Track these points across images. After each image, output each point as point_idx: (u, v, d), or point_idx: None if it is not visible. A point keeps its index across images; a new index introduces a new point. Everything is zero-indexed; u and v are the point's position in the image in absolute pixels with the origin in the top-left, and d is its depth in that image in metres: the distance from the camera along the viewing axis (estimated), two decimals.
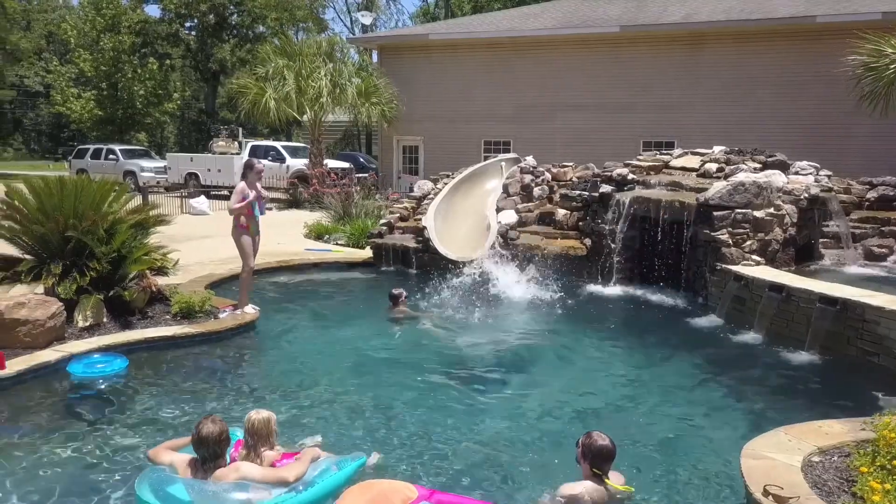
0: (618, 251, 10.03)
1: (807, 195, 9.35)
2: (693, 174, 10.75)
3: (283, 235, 14.26)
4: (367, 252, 12.24)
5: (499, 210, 11.67)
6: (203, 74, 49.74)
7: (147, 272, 7.82)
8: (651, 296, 9.64)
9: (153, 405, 5.64)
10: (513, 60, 21.49)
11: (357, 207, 15.60)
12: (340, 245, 13.70)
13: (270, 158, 23.63)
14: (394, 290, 8.72)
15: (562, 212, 11.53)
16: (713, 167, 10.50)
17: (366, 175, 20.83)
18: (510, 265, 10.29)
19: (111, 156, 28.55)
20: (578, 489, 3.85)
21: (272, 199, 20.98)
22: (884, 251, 9.84)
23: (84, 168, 27.04)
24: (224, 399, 5.79)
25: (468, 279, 9.95)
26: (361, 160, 29.55)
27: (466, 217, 11.93)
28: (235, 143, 26.75)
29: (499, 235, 11.04)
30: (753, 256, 8.79)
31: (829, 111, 17.55)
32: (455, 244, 11.20)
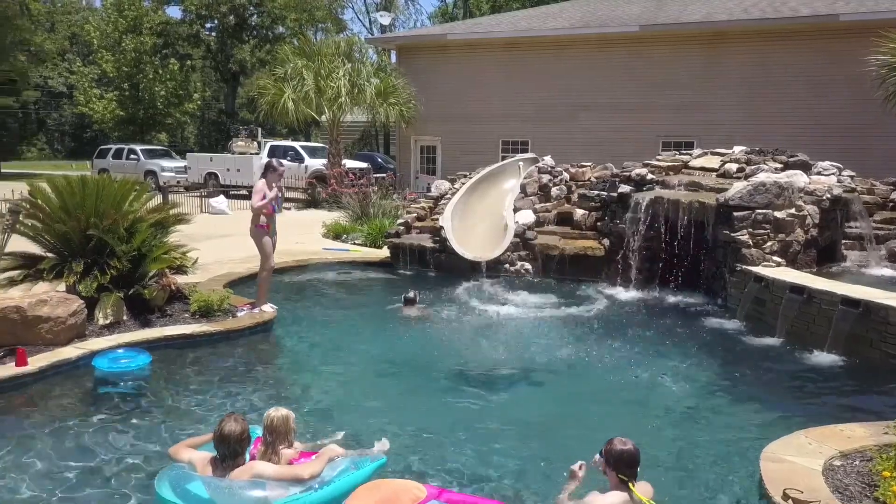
0: (636, 251, 9.97)
1: (829, 196, 9.23)
2: (713, 174, 10.66)
3: (302, 235, 14.34)
4: (385, 252, 12.26)
5: (516, 210, 11.63)
6: (223, 75, 50.22)
7: (166, 271, 7.89)
8: (670, 297, 9.59)
9: (172, 402, 5.69)
10: (531, 60, 21.42)
11: (375, 207, 15.66)
12: (358, 245, 13.77)
13: (289, 158, 23.72)
14: (408, 293, 8.84)
15: (580, 212, 11.47)
16: (733, 167, 10.40)
17: (383, 175, 20.90)
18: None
19: (132, 156, 28.92)
20: (608, 500, 3.66)
21: (291, 199, 21.16)
22: None
23: (106, 168, 27.37)
24: (241, 397, 5.83)
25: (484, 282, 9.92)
26: (379, 160, 29.66)
27: (484, 217, 11.91)
28: (254, 143, 26.91)
29: (516, 235, 11.02)
30: (774, 257, 8.69)
31: (852, 111, 17.34)
32: (472, 244, 11.19)
